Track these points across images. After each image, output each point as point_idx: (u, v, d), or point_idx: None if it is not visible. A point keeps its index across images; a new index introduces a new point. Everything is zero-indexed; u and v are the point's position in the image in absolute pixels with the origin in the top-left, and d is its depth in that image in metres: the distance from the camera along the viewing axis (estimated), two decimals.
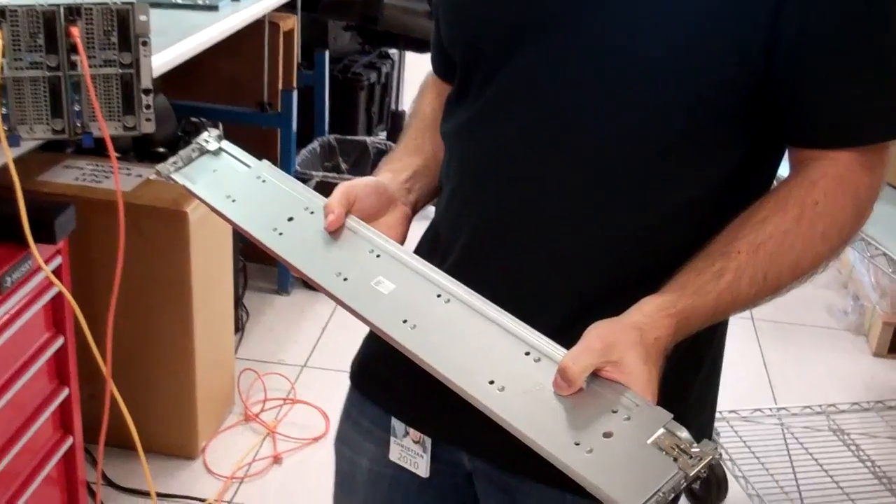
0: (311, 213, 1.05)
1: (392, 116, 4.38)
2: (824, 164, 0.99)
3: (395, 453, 1.21)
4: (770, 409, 2.58)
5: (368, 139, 3.81)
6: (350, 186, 1.10)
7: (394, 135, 4.30)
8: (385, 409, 1.21)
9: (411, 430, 1.18)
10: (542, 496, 1.11)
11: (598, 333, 0.90)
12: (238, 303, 3.02)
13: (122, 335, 1.70)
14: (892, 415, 2.71)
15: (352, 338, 1.26)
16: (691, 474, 0.80)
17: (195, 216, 2.28)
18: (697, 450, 0.81)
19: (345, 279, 0.99)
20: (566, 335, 0.92)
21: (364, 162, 3.73)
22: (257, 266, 3.29)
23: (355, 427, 1.27)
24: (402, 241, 1.12)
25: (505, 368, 0.90)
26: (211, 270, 2.45)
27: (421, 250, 1.14)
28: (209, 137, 1.13)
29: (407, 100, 4.68)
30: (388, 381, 1.18)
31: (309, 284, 1.03)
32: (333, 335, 3.13)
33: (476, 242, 1.09)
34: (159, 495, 2.38)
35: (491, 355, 0.91)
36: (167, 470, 2.48)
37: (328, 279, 1.00)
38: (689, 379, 1.10)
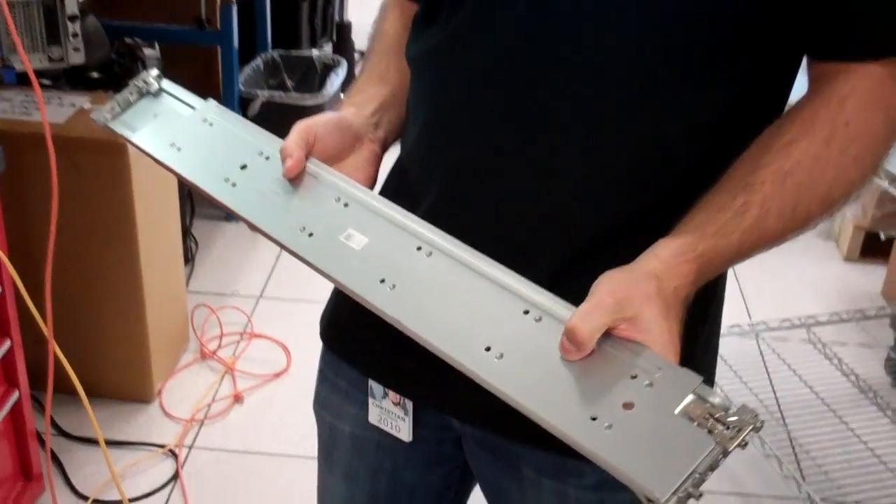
0: (267, 158, 0.93)
1: (337, 28, 4.18)
2: (854, 78, 0.86)
3: (374, 415, 1.10)
4: (748, 325, 2.51)
5: (314, 53, 3.64)
6: (308, 125, 0.96)
7: (340, 47, 4.12)
8: (360, 370, 1.10)
9: (390, 392, 1.08)
10: (541, 461, 1.01)
11: (610, 286, 0.78)
12: (186, 233, 2.87)
13: (64, 278, 1.60)
14: (872, 324, 2.66)
15: None
16: (730, 448, 0.69)
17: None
18: (735, 418, 0.69)
19: (310, 234, 0.87)
20: (560, 289, 0.81)
21: (311, 78, 3.56)
22: None
23: (333, 389, 1.15)
24: (371, 185, 1.00)
25: (502, 331, 0.78)
26: (155, 202, 2.31)
27: (386, 194, 1.00)
28: (148, 78, 1.00)
29: (352, 10, 4.49)
30: (361, 338, 1.06)
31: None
32: (288, 262, 2.96)
33: (453, 185, 0.96)
34: (115, 443, 2.26)
35: (485, 316, 0.79)
36: (122, 415, 2.36)
37: (290, 236, 0.88)
38: (696, 330, 0.98)
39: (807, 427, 2.33)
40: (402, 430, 1.09)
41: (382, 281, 0.83)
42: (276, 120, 3.24)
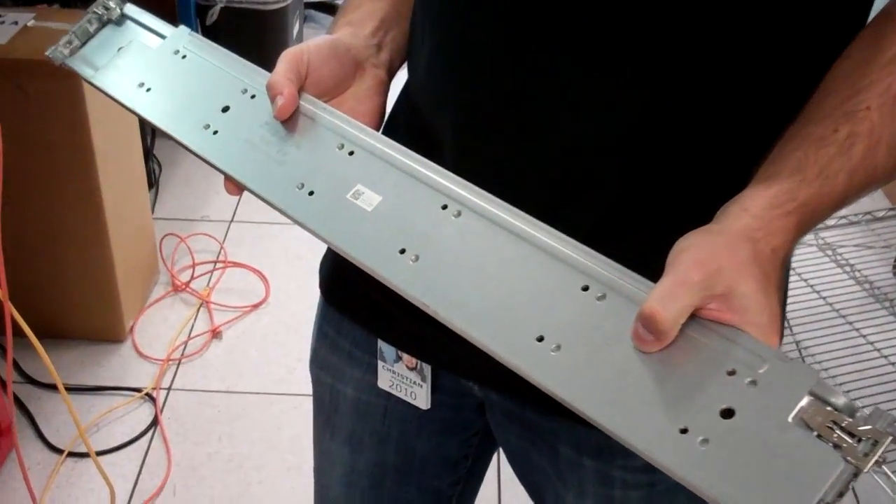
0: (252, 97, 0.77)
1: None
2: None
3: (385, 380, 0.96)
4: None
5: None
6: (298, 53, 0.78)
7: None
8: (367, 329, 0.95)
9: (405, 355, 0.93)
10: (581, 438, 0.87)
11: (697, 255, 0.61)
12: (148, 155, 2.68)
13: (18, 213, 1.44)
14: (883, 226, 2.53)
15: None
16: (864, 468, 0.53)
17: None
18: (866, 427, 0.54)
19: (310, 193, 0.71)
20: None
21: None
22: None
23: (333, 349, 1.01)
24: (380, 119, 0.83)
25: (557, 315, 0.62)
26: (113, 125, 2.13)
27: (395, 135, 0.81)
28: (109, 3, 0.85)
29: None
30: (369, 292, 0.87)
31: None
32: None
33: (471, 124, 0.79)
34: (88, 389, 2.11)
35: (533, 295, 0.63)
36: (94, 357, 2.20)
37: (287, 196, 0.71)
38: None
39: (816, 335, 2.22)
40: (419, 396, 0.95)
41: (402, 251, 0.67)
42: (238, 29, 3.05)
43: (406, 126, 0.86)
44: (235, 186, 0.75)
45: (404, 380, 0.95)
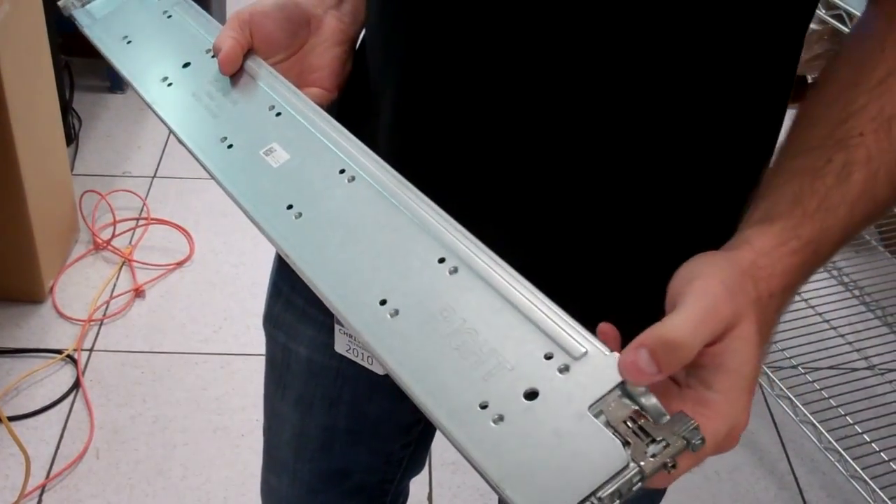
0: (213, 56, 0.81)
1: None
2: None
3: (342, 344, 0.95)
4: None
5: None
6: (242, 12, 0.79)
7: None
8: None
9: None
10: None
11: (724, 286, 0.55)
12: (66, 109, 2.60)
13: None
14: None
15: None
16: (649, 471, 0.50)
17: None
18: (663, 430, 0.51)
19: (229, 146, 0.75)
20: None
21: None
22: (84, 61, 2.82)
23: (287, 306, 0.99)
24: (341, 70, 0.82)
25: (406, 283, 0.62)
26: (28, 76, 2.05)
27: (351, 96, 0.83)
28: None
29: None
30: None
31: None
32: None
33: (409, 96, 0.77)
34: (6, 351, 2.05)
35: (391, 262, 0.63)
36: (12, 319, 2.14)
37: (205, 145, 0.75)
38: None
39: None
40: (376, 362, 0.94)
41: (289, 207, 0.69)
42: None
43: (351, 84, 0.84)
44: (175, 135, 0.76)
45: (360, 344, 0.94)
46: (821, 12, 1.79)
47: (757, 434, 2.09)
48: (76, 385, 2.01)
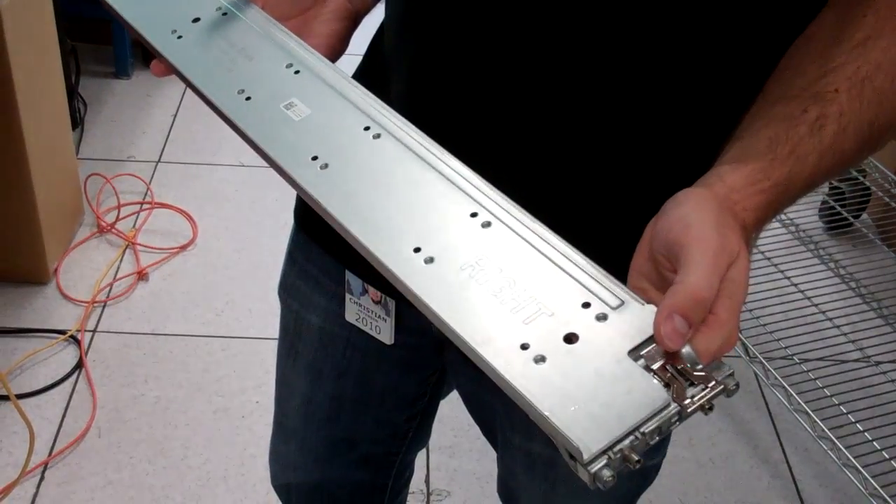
0: (224, 14, 0.83)
1: None
2: None
3: (352, 314, 0.98)
4: None
5: None
6: None
7: None
8: (336, 258, 0.97)
9: (370, 288, 0.95)
10: None
11: (718, 234, 0.60)
12: (72, 94, 2.62)
13: None
14: None
15: (208, 122, 0.98)
16: (689, 409, 0.54)
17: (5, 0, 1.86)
18: (702, 373, 0.55)
19: (248, 98, 0.76)
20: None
21: None
22: (89, 47, 2.85)
23: (301, 275, 1.03)
24: (338, 42, 0.85)
25: (439, 233, 0.64)
26: (34, 61, 2.07)
27: (366, 70, 0.89)
28: None
29: None
30: None
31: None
32: (187, 121, 2.76)
33: (422, 70, 0.82)
34: (10, 331, 2.07)
35: (423, 214, 0.66)
36: (15, 300, 2.16)
37: (224, 96, 0.76)
38: None
39: None
40: (384, 331, 0.98)
41: (315, 158, 0.71)
42: None
43: (370, 64, 0.89)
44: (188, 84, 0.78)
45: (370, 313, 0.97)
46: None
47: (752, 423, 2.11)
48: (79, 365, 2.03)
